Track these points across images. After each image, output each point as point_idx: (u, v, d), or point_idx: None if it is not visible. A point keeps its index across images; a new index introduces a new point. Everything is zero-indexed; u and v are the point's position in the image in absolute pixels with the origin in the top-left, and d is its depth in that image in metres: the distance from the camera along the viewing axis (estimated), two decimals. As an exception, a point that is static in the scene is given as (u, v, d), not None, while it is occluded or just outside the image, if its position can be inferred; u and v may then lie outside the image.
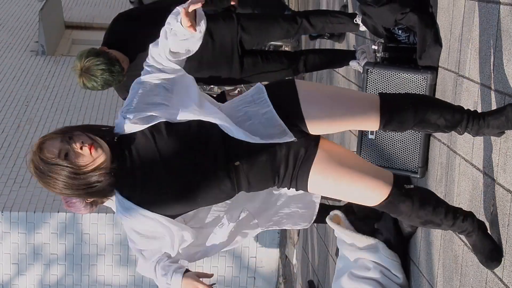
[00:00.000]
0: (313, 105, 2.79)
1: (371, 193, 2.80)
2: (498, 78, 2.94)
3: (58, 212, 8.02)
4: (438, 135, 3.61)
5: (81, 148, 2.68)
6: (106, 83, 4.05)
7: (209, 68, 4.52)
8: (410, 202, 2.84)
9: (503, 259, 2.86)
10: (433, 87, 3.64)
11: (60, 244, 8.11)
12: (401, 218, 2.98)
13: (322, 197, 3.10)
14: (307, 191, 2.85)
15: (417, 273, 3.86)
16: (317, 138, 2.82)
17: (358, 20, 4.43)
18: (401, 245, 4.04)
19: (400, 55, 3.86)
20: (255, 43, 4.60)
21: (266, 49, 6.80)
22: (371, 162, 3.98)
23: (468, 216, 2.93)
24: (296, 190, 2.88)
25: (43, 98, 11.18)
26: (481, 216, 3.08)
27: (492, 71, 3.00)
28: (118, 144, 2.78)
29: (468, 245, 3.18)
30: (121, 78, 4.11)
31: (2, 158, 9.31)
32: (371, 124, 2.83)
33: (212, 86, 7.37)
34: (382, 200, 2.81)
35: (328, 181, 2.79)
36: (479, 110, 3.12)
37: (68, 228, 7.86)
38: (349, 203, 4.51)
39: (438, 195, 3.53)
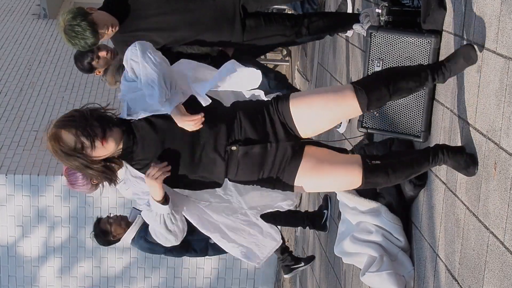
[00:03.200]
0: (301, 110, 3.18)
1: (348, 178, 3.23)
2: (503, 42, 2.92)
3: (62, 175, 8.03)
4: (442, 99, 3.59)
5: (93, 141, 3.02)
6: (80, 46, 4.17)
7: (210, 31, 4.48)
8: (383, 173, 3.23)
9: (504, 222, 2.87)
10: (437, 51, 3.62)
11: (64, 207, 8.14)
12: (387, 185, 3.42)
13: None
14: (292, 190, 3.28)
15: (419, 237, 3.87)
16: (302, 144, 3.22)
17: None
18: (403, 208, 4.04)
19: (404, 19, 3.83)
20: (258, 6, 4.56)
21: (269, 11, 6.73)
22: (375, 127, 3.97)
23: (437, 150, 3.27)
24: (281, 188, 3.27)
25: (45, 62, 11.15)
26: (483, 180, 3.09)
27: (496, 35, 2.98)
28: (125, 124, 3.14)
29: (470, 209, 3.19)
30: (93, 42, 4.15)
31: (5, 122, 9.31)
32: (353, 109, 3.17)
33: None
34: (359, 182, 3.21)
35: (312, 179, 3.23)
36: (483, 75, 3.11)
37: (71, 191, 7.88)
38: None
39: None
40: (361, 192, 4.15)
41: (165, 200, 3.15)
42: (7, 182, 8.05)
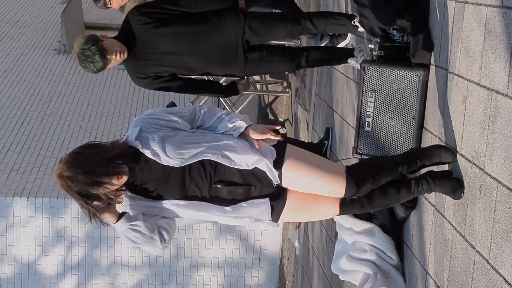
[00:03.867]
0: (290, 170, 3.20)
1: (327, 211, 3.29)
2: (486, 75, 2.92)
3: (79, 198, 8.02)
4: (430, 127, 3.59)
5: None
6: (90, 69, 4.20)
7: (214, 63, 4.48)
8: (358, 204, 3.27)
9: (489, 241, 2.85)
10: (425, 83, 3.62)
11: (80, 228, 8.11)
12: (364, 212, 3.44)
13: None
14: (276, 222, 3.29)
15: (410, 255, 3.84)
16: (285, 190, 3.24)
17: (356, 21, 4.40)
18: (395, 229, 4.02)
19: (395, 54, 3.83)
20: (261, 41, 4.57)
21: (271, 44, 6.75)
22: (368, 152, 3.96)
23: (420, 178, 3.27)
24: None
25: (65, 94, 11.17)
26: (469, 202, 3.07)
27: (480, 68, 2.98)
28: (135, 159, 3.15)
29: (458, 229, 3.17)
30: (101, 65, 4.19)
31: (28, 148, 9.31)
32: (338, 194, 3.23)
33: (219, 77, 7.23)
34: (337, 212, 3.29)
35: (295, 215, 3.30)
36: (468, 105, 3.11)
37: (88, 213, 7.85)
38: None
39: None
40: (356, 214, 4.13)
41: (120, 218, 3.17)
42: (29, 205, 8.04)
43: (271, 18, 4.62)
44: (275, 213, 3.24)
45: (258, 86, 8.82)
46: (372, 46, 3.91)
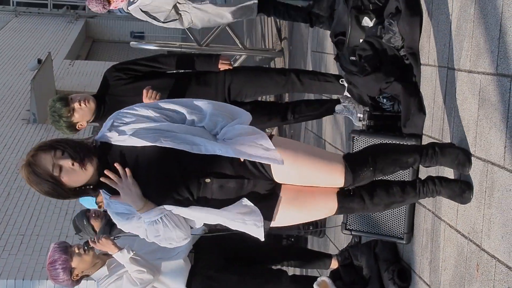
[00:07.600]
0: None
1: (326, 206, 3.10)
2: (481, 146, 2.98)
3: (46, 279, 7.93)
4: (423, 201, 3.62)
5: (72, 164, 2.91)
6: (56, 122, 4.43)
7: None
8: (358, 198, 3.12)
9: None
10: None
11: (49, 312, 8.00)
12: (364, 213, 3.31)
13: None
14: (269, 222, 3.06)
15: None
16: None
17: (344, 82, 4.47)
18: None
19: (385, 123, 3.90)
20: (244, 91, 4.65)
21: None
22: (358, 229, 3.98)
23: (426, 179, 3.22)
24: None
25: (33, 166, 11.15)
26: (466, 282, 3.08)
27: (475, 138, 3.03)
28: (101, 151, 3.00)
29: (455, 311, 3.17)
30: (64, 115, 4.39)
31: (-9, 226, 9.26)
32: (336, 184, 3.08)
33: None
34: (335, 209, 3.10)
35: (291, 212, 3.07)
36: (463, 178, 3.15)
37: (56, 296, 7.77)
38: (336, 268, 4.52)
39: (424, 261, 3.55)
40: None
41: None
42: (-9, 287, 7.94)
43: (256, 69, 4.79)
44: (268, 205, 3.03)
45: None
46: (362, 115, 3.98)
